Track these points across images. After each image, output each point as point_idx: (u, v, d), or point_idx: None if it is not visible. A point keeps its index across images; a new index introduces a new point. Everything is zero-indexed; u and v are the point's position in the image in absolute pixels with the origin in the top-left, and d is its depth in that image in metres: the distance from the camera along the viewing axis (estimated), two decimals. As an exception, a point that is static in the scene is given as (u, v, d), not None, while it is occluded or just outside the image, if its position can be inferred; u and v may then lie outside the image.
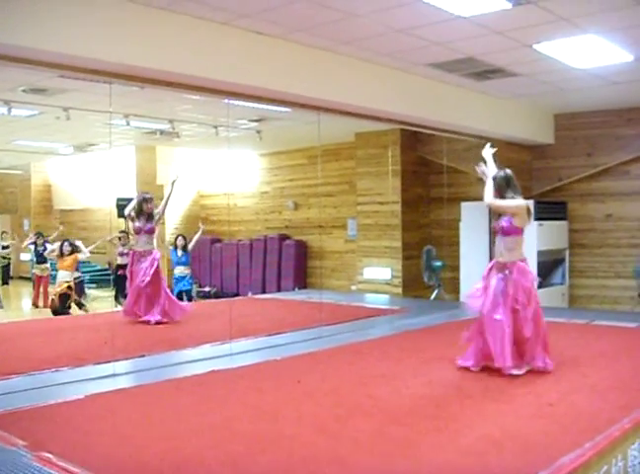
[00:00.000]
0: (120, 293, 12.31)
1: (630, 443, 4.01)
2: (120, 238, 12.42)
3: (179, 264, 11.39)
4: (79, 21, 5.57)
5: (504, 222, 5.83)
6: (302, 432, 4.20)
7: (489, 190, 5.89)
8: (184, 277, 11.33)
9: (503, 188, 5.84)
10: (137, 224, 8.87)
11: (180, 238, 11.58)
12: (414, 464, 3.61)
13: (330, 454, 3.75)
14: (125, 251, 12.22)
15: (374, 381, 5.50)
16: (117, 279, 12.54)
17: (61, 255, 11.03)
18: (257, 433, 4.19)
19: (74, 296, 11.12)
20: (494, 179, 5.91)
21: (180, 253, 11.38)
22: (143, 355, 6.70)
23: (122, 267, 12.20)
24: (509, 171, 5.94)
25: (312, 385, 5.41)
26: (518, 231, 5.81)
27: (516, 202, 5.81)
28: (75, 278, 11.24)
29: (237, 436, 4.11)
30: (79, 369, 6.13)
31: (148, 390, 5.40)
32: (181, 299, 10.46)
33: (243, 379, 5.75)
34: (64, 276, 10.96)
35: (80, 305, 11.58)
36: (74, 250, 11.29)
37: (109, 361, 6.27)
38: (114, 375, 5.94)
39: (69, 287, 10.94)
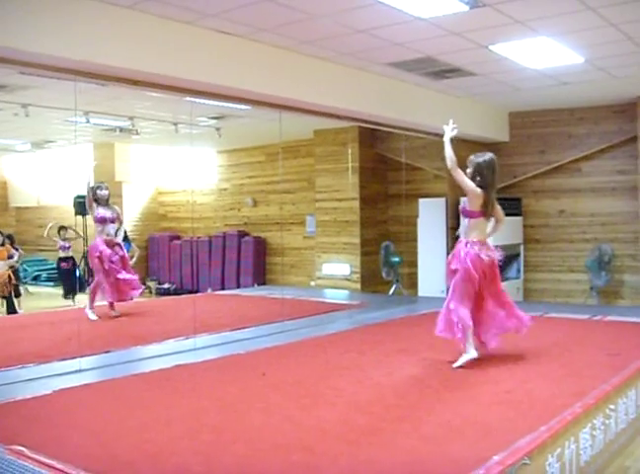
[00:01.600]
0: (65, 289, 12.58)
1: (582, 427, 4.22)
2: (59, 232, 12.57)
3: None
4: (44, 19, 5.58)
5: (463, 204, 6.08)
6: (270, 421, 4.33)
7: (449, 152, 5.94)
8: None
9: (477, 172, 5.93)
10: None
11: None
12: (378, 450, 3.76)
13: (298, 442, 3.88)
14: (67, 244, 12.38)
15: (337, 373, 5.65)
16: (61, 274, 12.71)
17: None
18: (226, 423, 4.31)
19: (14, 282, 11.55)
20: (471, 162, 5.98)
21: None
22: (109, 351, 6.77)
23: (64, 260, 12.43)
24: (491, 158, 6.03)
25: (277, 377, 5.53)
26: (473, 214, 5.96)
27: (471, 184, 5.87)
28: (11, 267, 11.48)
29: (207, 427, 4.22)
30: (45, 366, 6.17)
31: (116, 385, 5.47)
32: None
33: (209, 373, 5.86)
34: (2, 265, 11.21)
35: (17, 293, 11.88)
36: (8, 241, 11.77)
37: (74, 357, 6.30)
38: (80, 371, 5.99)
39: (9, 276, 11.31)
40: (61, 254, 12.81)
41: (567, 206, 11.87)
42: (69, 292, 12.54)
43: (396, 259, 12.60)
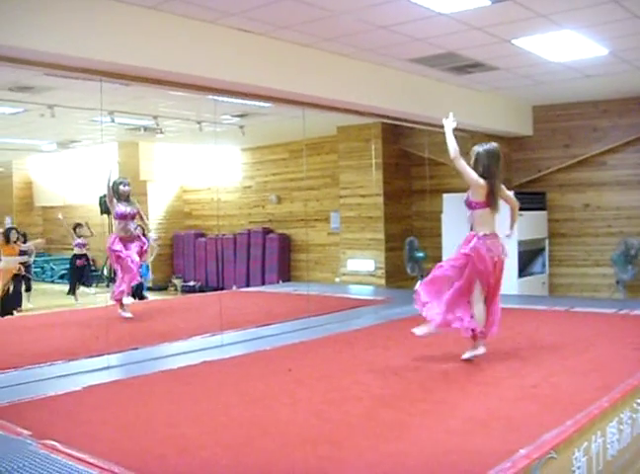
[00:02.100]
0: (71, 285, 13.14)
1: (609, 421, 4.21)
2: (75, 229, 13.08)
3: None
4: (69, 20, 5.67)
5: (467, 195, 5.82)
6: (297, 416, 4.37)
7: (451, 142, 5.77)
8: None
9: (479, 161, 5.75)
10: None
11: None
12: (404, 444, 3.78)
13: (325, 436, 3.92)
14: (83, 242, 12.88)
15: (363, 368, 5.67)
16: (74, 270, 13.13)
17: (7, 241, 11.79)
18: (253, 418, 4.35)
19: (27, 275, 12.20)
20: (473, 151, 5.83)
21: None
22: (136, 348, 6.84)
23: (79, 257, 12.97)
24: (493, 147, 5.83)
25: (303, 373, 5.57)
26: (477, 205, 5.74)
27: (474, 174, 5.69)
28: (23, 263, 11.98)
29: (235, 422, 4.27)
30: (73, 363, 6.26)
31: (144, 381, 5.54)
32: None
33: (236, 369, 5.91)
34: (14, 261, 11.68)
35: (28, 288, 12.60)
36: (22, 238, 12.35)
37: (102, 354, 6.39)
38: (108, 368, 6.08)
39: (19, 270, 11.85)
40: (76, 251, 13.22)
41: (592, 200, 11.79)
42: (74, 289, 12.96)
43: (420, 254, 12.59)
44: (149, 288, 14.61)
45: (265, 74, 7.30)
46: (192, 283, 16.53)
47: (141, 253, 8.86)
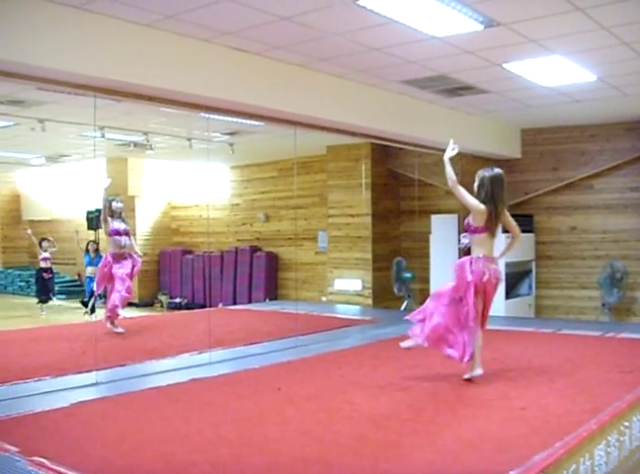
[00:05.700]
0: (41, 296, 13.25)
1: (597, 444, 4.23)
2: (40, 244, 13.22)
3: (91, 265, 11.82)
4: (64, 36, 5.69)
5: (467, 220, 5.93)
6: (287, 435, 4.37)
7: (449, 171, 5.79)
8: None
9: (483, 186, 5.82)
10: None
11: (92, 243, 12.21)
12: (394, 464, 3.79)
13: (315, 456, 3.92)
14: (47, 256, 13.10)
15: (352, 388, 5.69)
16: (41, 283, 13.36)
17: None
18: (243, 437, 4.34)
19: None
20: (478, 175, 5.89)
21: (92, 255, 11.95)
22: (124, 365, 6.82)
23: (45, 270, 13.13)
24: (497, 173, 5.87)
25: (292, 392, 5.57)
26: (477, 229, 5.84)
27: (473, 201, 5.79)
28: None
29: (224, 440, 4.26)
30: (61, 379, 6.24)
31: (132, 398, 5.52)
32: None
33: (225, 387, 5.90)
34: None
35: None
36: None
37: (90, 371, 6.36)
38: (96, 384, 6.06)
39: None
40: (42, 265, 13.32)
41: (579, 223, 11.89)
42: (44, 300, 13.09)
43: (408, 275, 12.63)
44: (135, 305, 14.58)
45: (258, 93, 7.33)
46: (178, 300, 16.45)
47: (132, 272, 8.95)
